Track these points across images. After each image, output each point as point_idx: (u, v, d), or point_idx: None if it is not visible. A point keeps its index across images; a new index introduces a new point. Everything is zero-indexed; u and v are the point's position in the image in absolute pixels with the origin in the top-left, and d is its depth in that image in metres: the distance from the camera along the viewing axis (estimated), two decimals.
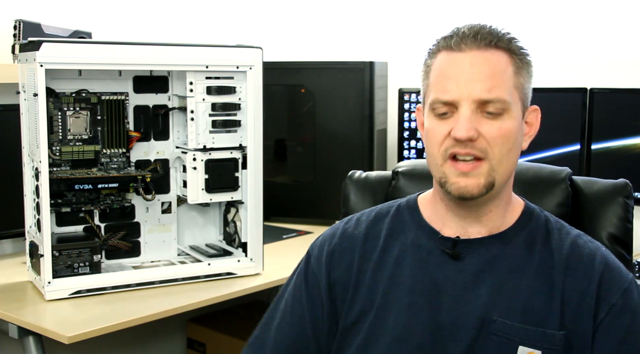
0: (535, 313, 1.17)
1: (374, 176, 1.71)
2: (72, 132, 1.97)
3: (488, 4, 2.76)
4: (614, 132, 2.40)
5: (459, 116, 1.15)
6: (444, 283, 1.21)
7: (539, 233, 1.23)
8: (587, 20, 2.59)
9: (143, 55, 1.92)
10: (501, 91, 1.15)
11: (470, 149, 1.15)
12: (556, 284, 1.17)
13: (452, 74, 1.17)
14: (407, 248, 1.26)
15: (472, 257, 1.21)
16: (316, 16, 3.15)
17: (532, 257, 1.20)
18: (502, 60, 1.17)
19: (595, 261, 1.19)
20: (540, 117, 1.25)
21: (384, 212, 1.33)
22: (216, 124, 2.02)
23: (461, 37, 1.18)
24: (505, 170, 1.18)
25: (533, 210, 1.27)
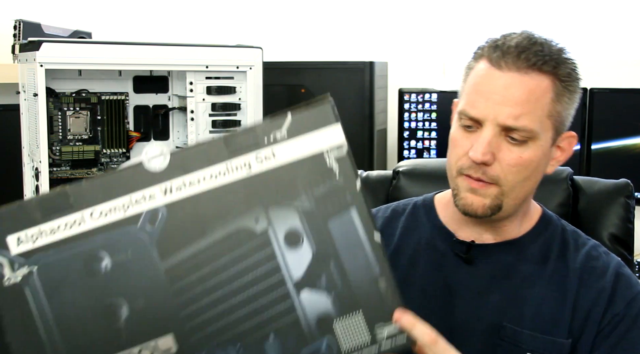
0: (545, 320, 1.16)
1: (374, 175, 1.71)
2: (72, 132, 1.97)
3: (488, 4, 2.76)
4: (614, 132, 2.40)
5: (480, 136, 1.12)
6: (457, 287, 1.20)
7: (555, 243, 1.22)
8: (587, 20, 2.59)
9: (143, 55, 1.92)
10: (529, 120, 1.10)
11: (481, 174, 1.13)
12: (569, 294, 1.17)
13: (484, 90, 1.12)
14: (421, 248, 1.25)
15: (487, 263, 1.20)
16: (316, 16, 3.15)
17: (546, 266, 1.19)
18: (541, 85, 1.12)
19: (607, 273, 1.18)
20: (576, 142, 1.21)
21: (400, 209, 1.31)
22: (216, 124, 2.02)
23: (504, 53, 1.12)
24: (518, 196, 1.15)
25: (550, 218, 1.25)
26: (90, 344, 0.90)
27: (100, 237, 0.90)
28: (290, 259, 0.93)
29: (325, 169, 0.94)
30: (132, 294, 0.90)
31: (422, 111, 2.74)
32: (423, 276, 1.22)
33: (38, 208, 0.90)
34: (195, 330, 0.91)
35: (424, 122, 2.73)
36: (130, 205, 0.91)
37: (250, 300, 0.93)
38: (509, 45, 1.12)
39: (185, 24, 2.91)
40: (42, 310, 0.89)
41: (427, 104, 2.73)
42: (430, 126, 2.73)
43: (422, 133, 2.74)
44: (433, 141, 2.73)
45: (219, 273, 0.92)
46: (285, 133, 0.95)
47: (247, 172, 0.93)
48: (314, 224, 0.94)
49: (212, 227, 0.92)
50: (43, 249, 0.89)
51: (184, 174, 0.92)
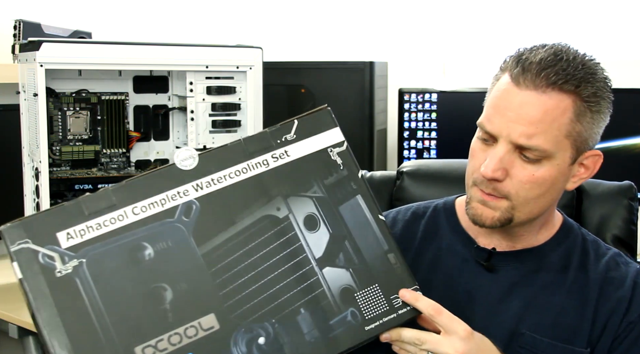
0: (564, 329, 1.16)
1: (378, 175, 1.71)
2: (72, 132, 1.97)
3: (488, 5, 2.76)
4: (614, 132, 2.40)
5: (493, 153, 1.12)
6: (476, 293, 1.20)
7: (575, 251, 1.22)
8: (588, 20, 2.59)
9: (143, 55, 1.92)
10: (542, 140, 1.09)
11: (492, 190, 1.13)
12: (589, 303, 1.17)
13: (500, 106, 1.11)
14: (442, 253, 1.25)
15: (507, 270, 1.20)
16: (316, 16, 3.15)
17: (566, 274, 1.19)
18: (561, 105, 1.09)
19: (626, 283, 1.18)
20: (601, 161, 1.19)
21: (420, 212, 1.31)
22: (216, 124, 2.02)
23: (524, 69, 1.10)
24: (531, 211, 1.15)
25: (571, 226, 1.25)
26: (140, 327, 0.97)
27: (142, 229, 1.01)
28: (311, 240, 1.07)
29: (331, 162, 1.10)
30: (174, 278, 1.00)
31: (422, 111, 2.73)
32: (443, 281, 1.22)
33: (84, 207, 0.99)
34: (233, 309, 1.01)
35: (424, 122, 2.73)
36: (167, 200, 1.02)
37: (281, 278, 1.04)
38: (531, 61, 1.10)
39: (185, 24, 2.91)
40: (93, 298, 0.97)
41: (427, 104, 2.72)
42: (430, 126, 2.73)
43: (422, 133, 2.74)
44: (433, 141, 2.72)
45: (251, 256, 1.04)
46: (294, 135, 1.10)
47: (265, 169, 1.07)
48: (327, 209, 1.08)
49: (240, 216, 1.05)
50: (90, 243, 0.98)
51: (212, 172, 1.05)
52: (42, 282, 0.98)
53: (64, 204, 1.00)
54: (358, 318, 1.05)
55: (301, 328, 1.03)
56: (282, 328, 1.02)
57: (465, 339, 1.03)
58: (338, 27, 3.11)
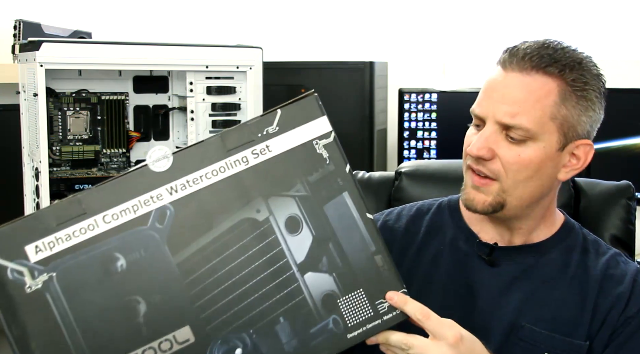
0: (564, 322, 1.18)
1: (377, 176, 1.71)
2: (72, 132, 1.97)
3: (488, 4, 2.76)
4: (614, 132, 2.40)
5: (480, 133, 1.16)
6: (478, 287, 1.21)
7: (576, 249, 1.24)
8: (588, 20, 2.59)
9: (143, 55, 1.92)
10: (525, 119, 1.12)
11: (481, 167, 1.16)
12: (589, 298, 1.18)
13: (488, 89, 1.17)
14: (444, 248, 1.26)
15: (508, 265, 1.22)
16: (316, 16, 3.15)
17: (567, 270, 1.21)
18: (545, 87, 1.13)
19: (625, 280, 1.20)
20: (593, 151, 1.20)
21: (425, 209, 1.33)
22: (216, 124, 2.02)
23: (512, 55, 1.15)
24: (521, 195, 1.16)
25: (573, 226, 1.27)
26: (113, 342, 0.94)
27: (114, 239, 0.96)
28: (292, 244, 1.00)
29: (316, 156, 1.03)
30: (148, 290, 0.95)
31: (422, 111, 2.73)
32: (445, 275, 1.24)
33: (52, 217, 0.95)
34: (209, 320, 0.97)
35: (424, 122, 2.73)
36: (139, 206, 0.96)
37: (259, 286, 0.98)
38: (519, 48, 1.16)
39: (185, 24, 2.91)
40: (64, 313, 0.94)
41: (427, 104, 2.73)
42: (430, 126, 2.73)
43: (422, 133, 2.74)
44: (433, 141, 2.72)
45: (228, 263, 0.98)
46: (277, 128, 1.03)
47: (245, 167, 1.00)
48: (311, 210, 1.01)
49: (217, 220, 0.98)
50: (60, 255, 0.94)
51: (186, 173, 0.98)
52: (12, 298, 0.94)
53: (32, 214, 0.96)
54: (340, 326, 1.00)
55: (280, 337, 0.98)
56: (260, 338, 0.98)
57: (454, 346, 1.01)
58: (338, 27, 3.11)
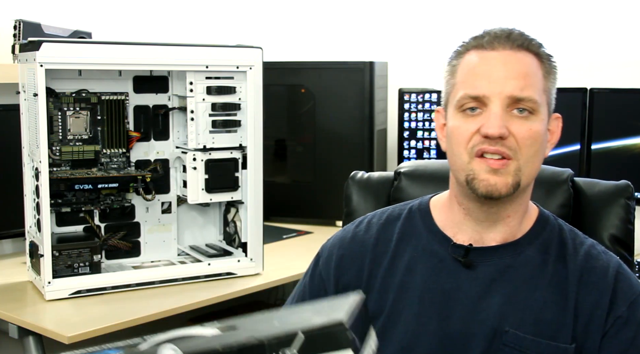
0: (547, 325, 1.15)
1: (376, 176, 1.71)
2: (72, 132, 1.97)
3: (488, 4, 2.76)
4: (614, 132, 2.40)
5: (490, 113, 1.13)
6: (455, 292, 1.19)
7: (553, 243, 1.21)
8: (588, 20, 2.59)
9: (143, 55, 1.92)
10: (533, 91, 1.14)
11: (500, 146, 1.12)
12: (570, 296, 1.16)
13: (483, 71, 1.15)
14: (418, 254, 1.24)
15: (485, 266, 1.19)
16: (316, 16, 3.15)
17: (545, 268, 1.19)
18: (534, 63, 1.17)
19: (608, 274, 1.17)
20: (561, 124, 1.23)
21: (396, 215, 1.30)
22: (216, 124, 2.02)
23: (494, 37, 1.17)
24: (530, 172, 1.16)
25: (547, 217, 1.25)
26: None
27: None
28: None
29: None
30: None
31: (422, 111, 2.73)
32: (421, 283, 1.21)
33: None
34: None
35: (424, 122, 2.73)
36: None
37: None
38: (495, 32, 1.18)
39: (185, 24, 2.91)
40: None
41: (427, 104, 2.73)
42: (430, 126, 2.73)
43: (422, 133, 2.74)
44: (433, 141, 2.72)
45: None
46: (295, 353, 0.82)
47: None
48: None
49: None
50: None
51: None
52: None
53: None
54: None
55: None
56: None
57: None
58: (338, 27, 3.11)
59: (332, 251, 1.30)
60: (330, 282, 1.27)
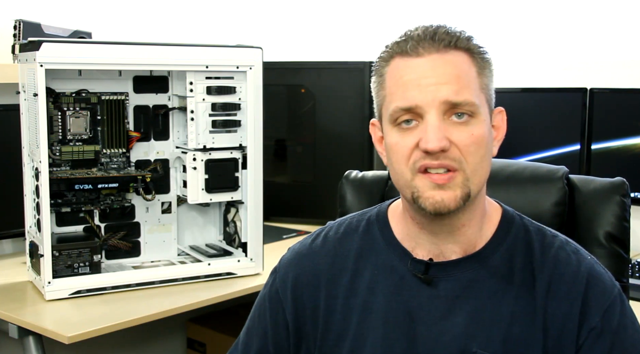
0: (516, 341, 1.08)
1: (370, 175, 1.71)
2: (72, 132, 1.97)
3: (488, 4, 2.76)
4: (614, 132, 2.40)
5: (426, 125, 1.05)
6: (418, 312, 1.12)
7: (518, 248, 1.14)
8: (587, 20, 2.59)
9: (143, 55, 1.92)
10: (469, 93, 1.06)
11: (442, 160, 1.05)
12: (538, 309, 1.09)
13: (412, 79, 1.07)
14: (379, 272, 1.17)
15: (447, 282, 1.12)
16: (316, 16, 3.15)
17: (512, 278, 1.11)
18: (465, 61, 1.08)
19: (578, 280, 1.10)
20: (506, 119, 1.16)
21: (354, 226, 1.23)
22: (216, 124, 2.02)
23: (417, 41, 1.08)
24: (479, 180, 1.08)
25: (512, 218, 1.17)
26: None
27: None
28: None
29: None
30: None
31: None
32: (384, 303, 1.15)
33: None
34: None
35: None
36: None
37: None
38: (417, 34, 1.09)
39: (185, 24, 2.91)
40: None
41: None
42: None
43: None
44: None
45: None
46: None
47: None
48: None
49: None
50: None
51: None
52: None
53: None
54: None
55: None
56: None
57: None
58: (338, 27, 3.11)
59: (288, 269, 1.24)
60: (287, 301, 1.22)
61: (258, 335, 1.25)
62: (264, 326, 1.24)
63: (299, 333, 1.21)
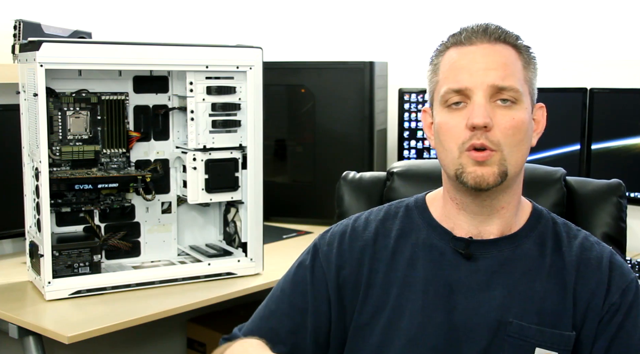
0: (549, 314, 1.18)
1: (368, 176, 1.71)
2: (72, 132, 1.97)
3: (488, 4, 2.76)
4: (614, 132, 2.40)
5: (474, 105, 1.16)
6: (457, 284, 1.21)
7: (548, 236, 1.24)
8: (587, 20, 2.59)
9: (143, 55, 1.92)
10: (514, 80, 1.17)
11: (484, 139, 1.15)
12: (568, 286, 1.19)
13: (464, 64, 1.18)
14: (419, 249, 1.26)
15: (485, 259, 1.22)
16: (316, 16, 3.15)
17: (543, 259, 1.22)
18: (512, 54, 1.20)
19: (602, 263, 1.21)
20: (546, 115, 1.26)
21: (392, 212, 1.32)
22: (216, 124, 2.02)
23: (471, 32, 1.20)
24: (516, 161, 1.18)
25: (541, 211, 1.28)
26: None
27: None
28: None
29: None
30: None
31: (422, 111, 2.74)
32: (423, 276, 1.23)
33: None
34: None
35: None
36: None
37: None
38: (472, 28, 1.22)
39: (185, 24, 2.91)
40: None
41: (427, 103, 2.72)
42: None
43: (422, 133, 2.74)
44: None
45: None
46: None
47: None
48: None
49: None
50: None
51: None
52: None
53: None
54: None
55: None
56: None
57: None
58: (338, 27, 3.11)
59: (332, 245, 1.31)
60: (331, 275, 1.28)
61: (291, 316, 1.29)
62: (302, 305, 1.28)
63: (341, 308, 1.27)
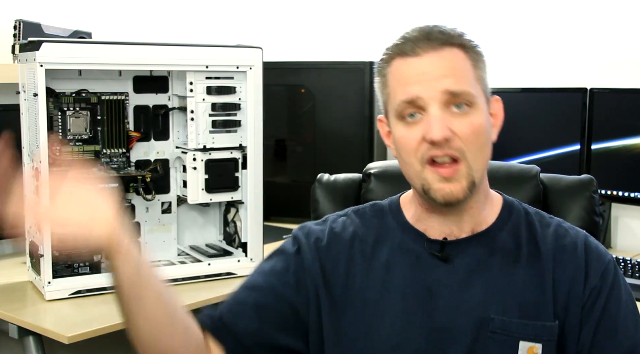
0: (530, 306, 1.18)
1: (342, 178, 1.72)
2: (72, 132, 1.97)
3: (488, 4, 2.76)
4: (614, 132, 2.40)
5: (429, 118, 1.14)
6: (436, 286, 1.20)
7: (522, 227, 1.24)
8: (587, 20, 2.59)
9: (143, 55, 1.92)
10: (466, 84, 1.15)
11: (447, 149, 1.14)
12: (546, 275, 1.19)
13: (413, 75, 1.16)
14: (395, 253, 1.25)
15: (462, 258, 1.21)
16: (316, 16, 3.15)
17: (519, 250, 1.22)
18: (459, 56, 1.18)
19: (578, 248, 1.21)
20: (503, 106, 1.24)
21: (368, 215, 1.31)
22: (216, 124, 2.02)
23: (414, 42, 1.17)
24: (481, 167, 1.18)
25: (512, 203, 1.28)
26: None
27: None
28: None
29: None
30: None
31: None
32: (401, 281, 1.22)
33: None
34: None
35: None
36: None
37: None
38: (414, 36, 1.18)
39: (185, 24, 2.91)
40: None
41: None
42: None
43: None
44: None
45: None
46: None
47: None
48: None
49: None
50: None
51: None
52: None
53: None
54: None
55: None
56: None
57: None
58: (338, 27, 3.11)
59: (310, 239, 1.29)
60: (315, 266, 1.26)
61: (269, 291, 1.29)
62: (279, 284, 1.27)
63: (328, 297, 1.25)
